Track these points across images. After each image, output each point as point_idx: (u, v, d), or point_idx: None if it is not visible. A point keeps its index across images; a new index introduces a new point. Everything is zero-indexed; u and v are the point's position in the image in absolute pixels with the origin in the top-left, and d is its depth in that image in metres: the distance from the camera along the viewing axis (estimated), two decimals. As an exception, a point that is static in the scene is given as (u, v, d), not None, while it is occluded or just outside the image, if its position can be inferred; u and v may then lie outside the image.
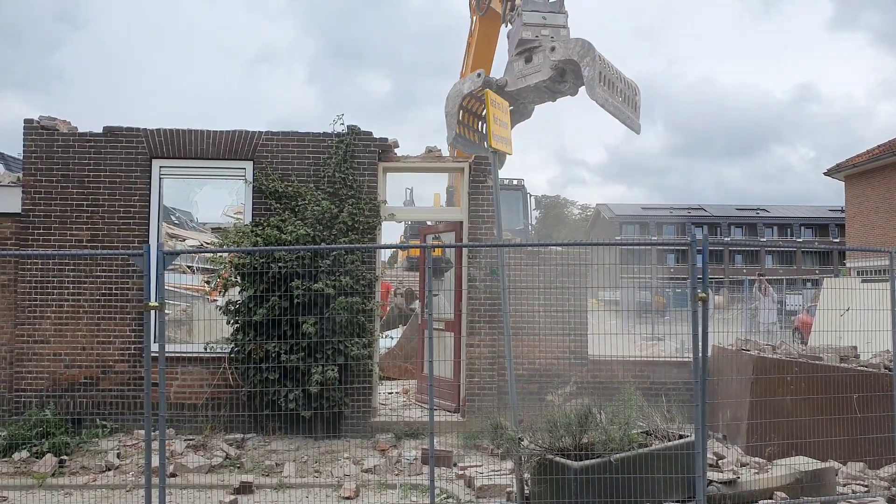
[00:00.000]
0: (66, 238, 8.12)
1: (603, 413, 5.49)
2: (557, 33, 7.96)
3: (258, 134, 8.35)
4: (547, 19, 7.91)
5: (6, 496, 6.07)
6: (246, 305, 7.64)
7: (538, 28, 7.87)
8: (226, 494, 6.04)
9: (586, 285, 8.47)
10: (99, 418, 7.88)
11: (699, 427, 4.96)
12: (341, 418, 7.94)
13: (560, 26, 7.95)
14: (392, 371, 11.38)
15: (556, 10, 8.05)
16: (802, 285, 40.57)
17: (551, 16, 7.95)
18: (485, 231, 8.43)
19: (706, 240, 5.10)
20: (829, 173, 24.35)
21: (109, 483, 6.41)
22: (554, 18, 7.96)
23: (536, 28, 7.87)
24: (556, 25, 7.91)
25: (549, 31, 7.86)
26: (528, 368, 8.30)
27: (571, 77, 8.19)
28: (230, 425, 7.89)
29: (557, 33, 7.96)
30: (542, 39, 7.85)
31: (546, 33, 7.88)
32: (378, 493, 6.21)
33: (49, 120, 8.30)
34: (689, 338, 5.15)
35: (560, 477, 5.07)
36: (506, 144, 5.95)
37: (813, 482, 5.64)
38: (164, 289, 5.11)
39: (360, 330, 7.89)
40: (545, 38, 7.86)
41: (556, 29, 7.92)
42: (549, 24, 7.88)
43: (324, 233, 8.08)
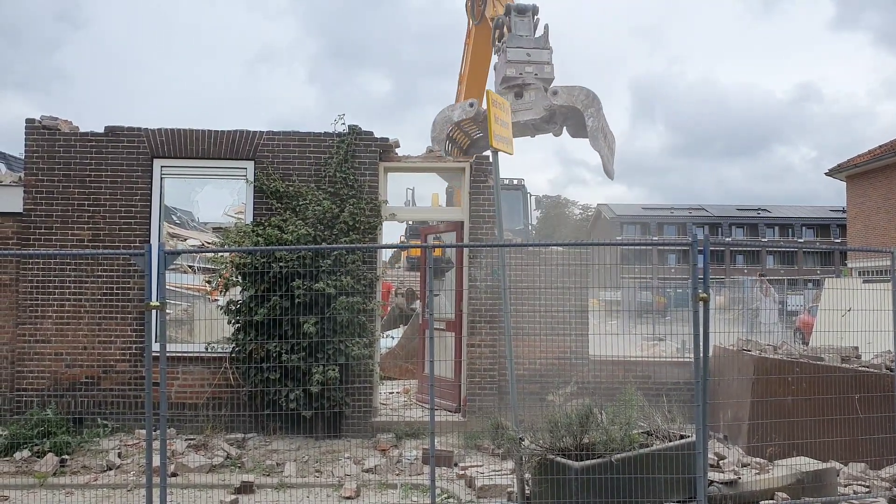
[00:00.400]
0: (67, 238, 8.13)
1: (604, 413, 5.49)
2: (542, 69, 8.09)
3: (259, 134, 8.35)
4: (531, 56, 8.01)
5: (7, 495, 6.08)
6: (247, 305, 7.64)
7: (522, 65, 7.96)
8: (227, 494, 6.04)
9: (587, 285, 8.47)
10: (100, 418, 7.89)
11: (700, 427, 4.96)
12: (342, 418, 7.94)
13: (544, 63, 8.07)
14: (393, 371, 11.38)
15: (541, 47, 8.13)
16: (804, 286, 40.53)
17: (536, 52, 8.06)
18: (486, 231, 8.42)
19: (707, 240, 5.10)
20: (831, 173, 24.34)
21: (110, 482, 6.42)
22: (538, 55, 8.07)
23: (520, 65, 7.97)
24: (540, 62, 8.02)
25: (533, 68, 7.97)
26: (528, 368, 8.29)
27: (560, 119, 8.34)
28: (231, 425, 7.89)
29: (542, 69, 8.09)
30: (525, 76, 7.94)
31: (530, 70, 7.98)
32: (379, 492, 6.21)
33: (51, 120, 8.30)
34: (690, 338, 5.15)
35: (561, 477, 5.07)
36: (507, 144, 5.95)
37: (814, 483, 5.63)
38: (166, 288, 5.11)
39: (361, 330, 7.89)
40: (528, 75, 7.94)
41: (541, 65, 8.02)
42: (533, 60, 7.99)
43: (325, 233, 8.08)
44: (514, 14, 8.30)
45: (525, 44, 8.08)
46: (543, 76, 7.99)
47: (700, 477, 4.95)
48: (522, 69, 7.96)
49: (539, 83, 8.02)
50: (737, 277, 38.23)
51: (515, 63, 7.92)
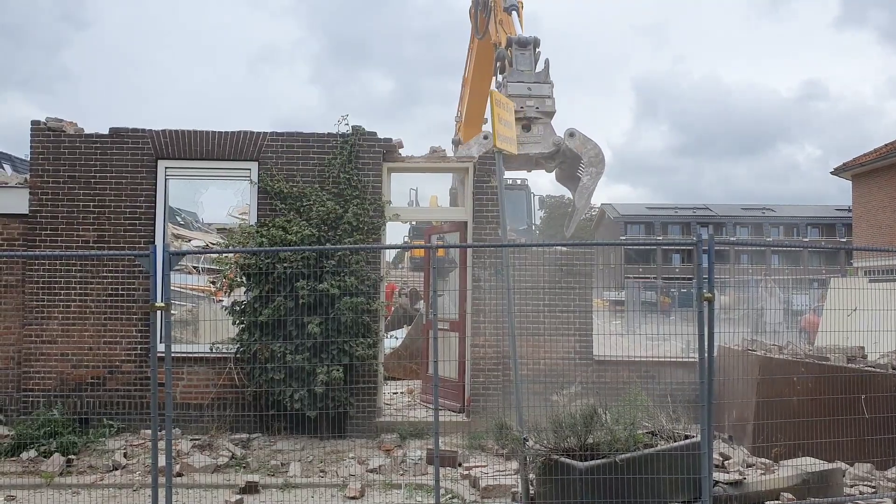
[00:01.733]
0: (72, 239, 8.16)
1: (608, 413, 5.48)
2: (543, 103, 8.21)
3: (263, 135, 8.37)
4: (532, 90, 8.10)
5: (14, 495, 6.11)
6: (251, 306, 7.66)
7: (523, 99, 8.06)
8: (231, 494, 6.06)
9: (591, 285, 8.46)
10: (106, 418, 7.92)
11: (705, 427, 4.95)
12: (346, 418, 7.95)
13: (545, 97, 8.18)
14: (397, 371, 11.39)
15: (542, 80, 8.21)
16: (809, 285, 40.39)
17: (536, 86, 8.16)
18: (489, 231, 8.42)
19: (712, 239, 5.09)
20: (836, 172, 24.23)
21: (116, 482, 6.44)
22: (539, 89, 8.20)
23: (522, 99, 8.08)
24: (541, 96, 8.13)
25: (534, 102, 8.09)
26: (532, 369, 8.28)
27: (560, 159, 8.44)
28: (236, 425, 7.91)
29: (543, 103, 8.21)
30: (527, 110, 8.04)
31: (531, 104, 8.08)
32: (383, 493, 6.22)
33: (56, 121, 8.34)
34: (694, 338, 5.14)
35: (565, 477, 5.06)
36: (510, 144, 5.95)
37: (820, 483, 5.61)
38: (170, 289, 5.13)
39: (365, 330, 7.89)
40: (530, 109, 8.04)
41: (542, 99, 8.14)
42: (534, 94, 8.10)
43: (329, 233, 8.09)
44: (515, 47, 8.42)
45: (526, 78, 8.24)
46: (545, 109, 8.17)
47: (705, 477, 4.93)
48: (524, 103, 8.14)
49: (543, 117, 8.12)
50: (741, 277, 38.13)
51: (517, 97, 8.08)
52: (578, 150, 8.01)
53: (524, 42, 8.40)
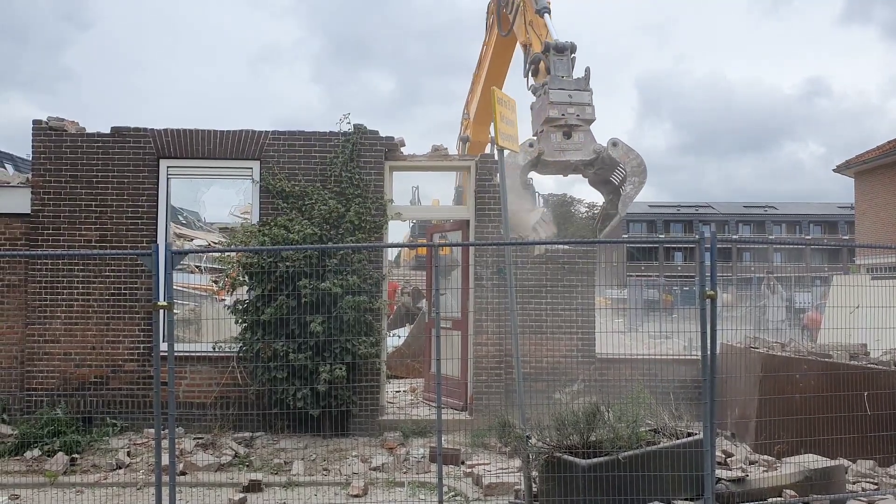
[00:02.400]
0: (75, 238, 8.18)
1: (611, 411, 5.48)
2: (584, 111, 8.23)
3: (265, 133, 8.37)
4: (573, 97, 8.11)
5: (18, 494, 6.13)
6: (254, 305, 7.67)
7: (564, 106, 8.09)
8: (235, 492, 6.07)
9: (593, 283, 8.46)
10: (109, 417, 7.93)
11: (708, 425, 4.95)
12: (349, 417, 7.96)
13: (585, 104, 8.18)
14: (399, 370, 11.40)
15: (582, 88, 8.23)
16: (811, 283, 40.32)
17: (577, 94, 8.17)
18: (492, 230, 8.42)
19: (714, 237, 5.08)
20: (839, 170, 24.16)
21: (120, 481, 6.46)
22: (580, 96, 8.21)
23: (563, 106, 8.10)
24: (581, 103, 8.13)
25: (574, 109, 8.11)
26: (535, 367, 8.29)
27: (599, 165, 8.47)
28: (239, 424, 7.93)
29: (584, 111, 8.23)
30: (568, 117, 8.06)
31: (572, 111, 8.12)
32: (386, 490, 6.22)
33: (57, 121, 8.35)
34: (697, 335, 5.14)
35: (568, 475, 5.06)
36: (512, 142, 5.95)
37: (822, 480, 5.61)
38: (173, 288, 5.14)
39: (368, 329, 7.90)
40: (571, 116, 8.07)
41: (582, 107, 8.14)
42: (575, 101, 8.12)
43: (331, 232, 8.10)
44: (552, 53, 8.41)
45: (566, 85, 8.26)
46: (585, 117, 8.22)
47: (708, 475, 4.93)
48: (565, 110, 8.16)
49: (584, 125, 8.24)
50: (744, 275, 38.08)
51: (558, 104, 8.13)
52: (621, 160, 8.07)
53: (562, 48, 8.42)
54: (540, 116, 8.38)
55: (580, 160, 8.25)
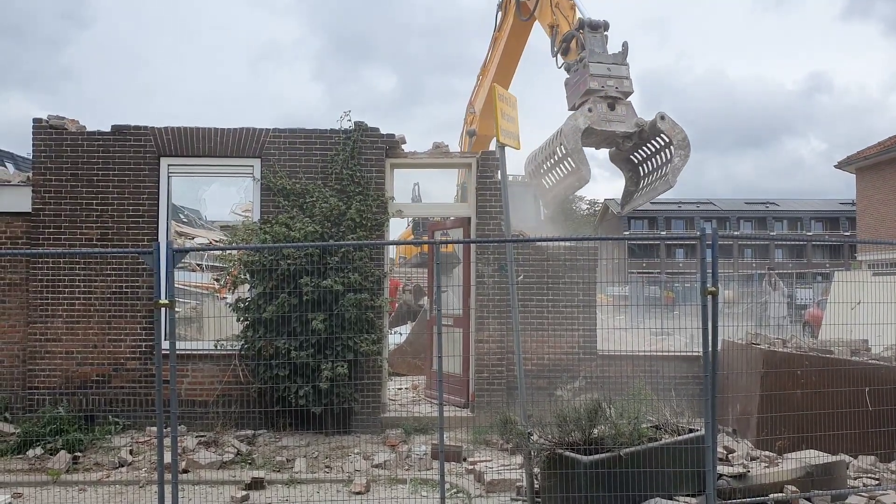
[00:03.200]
0: (76, 237, 8.19)
1: (612, 407, 5.48)
2: (622, 84, 8.39)
3: (266, 131, 8.37)
4: (612, 71, 8.19)
5: (21, 492, 6.14)
6: (255, 303, 7.68)
7: (604, 79, 8.17)
8: (237, 490, 6.09)
9: (595, 280, 8.46)
10: (111, 415, 7.95)
11: (709, 421, 4.95)
12: (351, 414, 7.97)
13: (624, 77, 8.31)
14: (401, 367, 11.41)
15: (620, 62, 8.30)
16: (812, 279, 40.29)
17: (615, 67, 8.24)
18: (493, 227, 8.42)
19: (716, 233, 5.08)
20: (840, 166, 24.15)
21: (123, 479, 6.47)
22: (618, 70, 8.27)
23: (602, 79, 8.20)
24: (620, 76, 8.23)
25: (613, 82, 8.19)
26: (537, 364, 8.30)
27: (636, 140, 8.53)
28: (241, 422, 7.94)
29: (622, 84, 8.39)
30: (608, 89, 8.13)
31: (612, 83, 8.17)
32: (388, 488, 6.24)
33: (58, 119, 8.35)
34: (698, 332, 5.14)
35: (570, 471, 5.07)
36: (513, 139, 5.95)
37: (823, 476, 5.61)
38: (174, 286, 5.14)
39: (369, 326, 7.91)
40: (610, 89, 8.21)
41: (621, 80, 8.25)
42: (613, 74, 8.19)
43: (332, 230, 8.10)
44: (587, 30, 8.48)
45: (605, 59, 8.35)
46: (624, 90, 8.33)
47: (709, 471, 4.94)
48: (604, 83, 8.22)
49: (623, 97, 8.35)
50: (745, 271, 38.05)
51: (598, 77, 8.21)
52: (669, 133, 8.16)
53: (596, 25, 8.49)
54: (578, 89, 8.47)
55: (624, 131, 8.34)
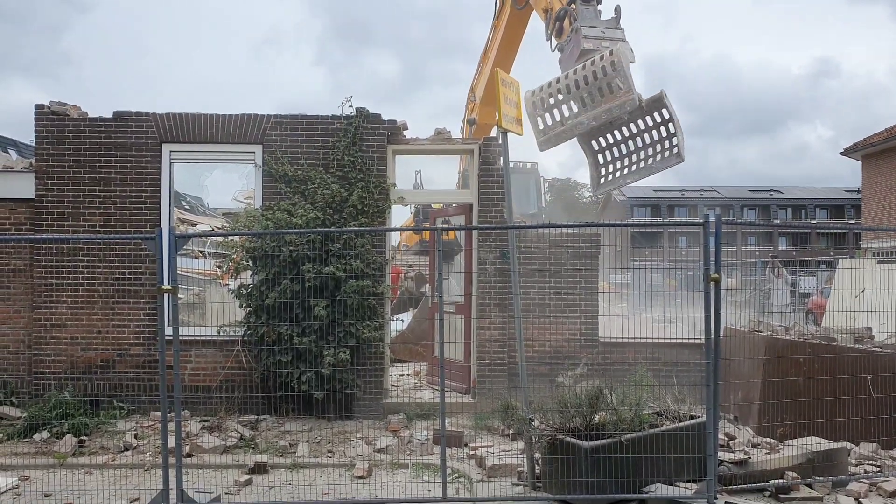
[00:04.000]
0: (79, 223, 8.20)
1: (614, 394, 5.50)
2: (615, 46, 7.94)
3: (267, 117, 8.34)
4: (606, 34, 7.90)
5: (28, 475, 6.20)
6: (258, 289, 7.69)
7: (598, 41, 7.86)
8: (241, 474, 6.14)
9: (597, 267, 8.45)
10: (116, 400, 8.01)
11: (710, 408, 4.96)
12: (353, 399, 8.01)
13: (619, 39, 7.97)
14: (403, 354, 11.44)
15: (614, 27, 8.01)
16: (816, 267, 40.20)
17: (609, 31, 7.96)
18: (495, 214, 8.40)
19: (719, 220, 5.06)
20: (846, 153, 24.01)
21: (128, 463, 6.53)
22: (612, 33, 7.99)
23: (596, 41, 7.87)
24: (615, 39, 7.91)
25: (608, 44, 7.82)
26: (538, 350, 8.31)
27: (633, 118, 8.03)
28: (244, 407, 7.99)
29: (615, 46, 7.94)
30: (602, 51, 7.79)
31: (606, 45, 7.84)
32: (390, 472, 6.28)
33: (60, 105, 8.34)
34: (700, 319, 5.13)
35: (571, 457, 5.10)
36: (515, 124, 5.91)
37: (825, 462, 5.63)
38: (177, 273, 5.15)
39: (371, 313, 7.92)
40: (605, 50, 7.78)
41: (615, 42, 7.89)
42: (608, 37, 7.88)
43: (334, 216, 8.09)
44: (579, 3, 8.13)
45: (598, 24, 7.99)
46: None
47: (710, 457, 4.96)
48: (598, 44, 7.79)
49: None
50: (748, 259, 37.97)
51: (592, 38, 7.82)
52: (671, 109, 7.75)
53: None
54: (571, 58, 8.02)
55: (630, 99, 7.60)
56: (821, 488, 5.49)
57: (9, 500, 5.61)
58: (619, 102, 7.58)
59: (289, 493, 5.68)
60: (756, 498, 5.30)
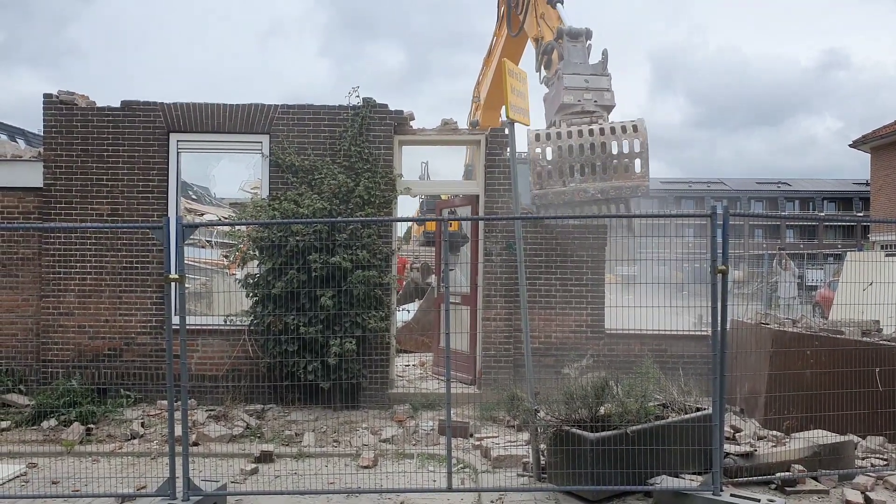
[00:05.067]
0: (87, 212, 8.23)
1: (619, 386, 5.49)
2: (601, 96, 7.40)
3: (274, 107, 8.33)
4: (590, 82, 7.37)
5: (36, 462, 6.26)
6: (264, 279, 7.71)
7: (580, 92, 7.35)
8: (247, 463, 6.17)
9: (604, 258, 8.42)
10: (123, 388, 8.06)
11: (717, 400, 4.95)
12: (359, 389, 8.03)
13: (604, 89, 7.38)
14: (409, 344, 11.47)
15: (599, 73, 7.49)
16: (824, 260, 39.96)
17: (594, 78, 7.39)
18: (501, 205, 8.38)
19: (727, 211, 5.03)
20: (855, 145, 23.82)
21: (135, 451, 6.57)
22: (597, 81, 7.41)
23: (579, 92, 7.36)
24: (599, 89, 7.34)
25: (592, 95, 7.32)
26: (544, 342, 8.31)
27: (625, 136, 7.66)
28: (250, 396, 8.03)
29: (601, 96, 7.40)
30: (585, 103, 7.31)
31: (589, 97, 7.35)
32: (396, 462, 6.30)
33: (68, 95, 8.34)
34: (707, 311, 5.11)
35: (576, 448, 5.10)
36: (523, 115, 5.88)
37: (831, 455, 5.61)
38: (184, 262, 5.16)
39: (377, 303, 7.93)
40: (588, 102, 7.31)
41: (600, 92, 7.37)
42: (591, 87, 7.33)
43: (340, 206, 8.09)
44: (566, 39, 7.71)
45: (582, 70, 7.51)
46: (603, 103, 7.49)
47: (716, 449, 4.95)
48: (581, 96, 7.39)
49: (602, 111, 7.48)
50: (756, 252, 37.79)
51: (574, 90, 7.38)
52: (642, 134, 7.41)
53: (576, 34, 7.73)
54: (554, 105, 7.69)
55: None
56: (827, 481, 5.48)
57: (17, 487, 5.66)
58: (631, 185, 7.26)
59: (294, 482, 5.70)
60: (762, 491, 5.29)
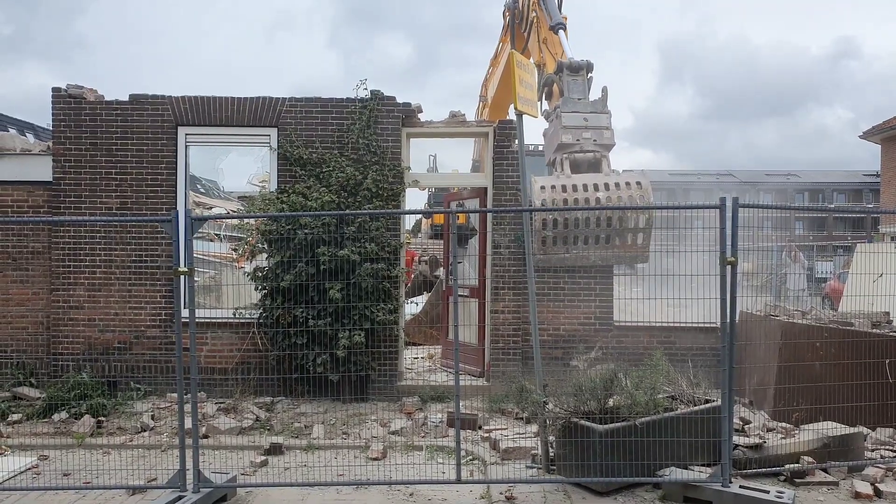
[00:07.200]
0: (96, 206, 8.27)
1: (628, 378, 5.48)
2: (601, 135, 7.20)
3: (282, 100, 8.33)
4: (589, 121, 7.18)
5: (47, 454, 6.32)
6: (273, 272, 7.73)
7: (579, 131, 7.16)
8: (257, 455, 6.21)
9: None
10: (133, 381, 8.12)
11: (726, 391, 4.94)
12: (368, 382, 8.06)
13: (603, 128, 7.19)
14: (417, 337, 11.49)
15: (599, 110, 7.29)
16: (833, 251, 39.71)
17: (593, 116, 7.22)
18: (510, 197, 8.36)
19: (736, 203, 5.00)
20: (866, 136, 23.63)
21: (145, 443, 6.62)
22: (596, 119, 7.22)
23: (577, 131, 7.17)
24: (598, 127, 7.15)
25: (591, 134, 7.08)
26: (552, 334, 8.30)
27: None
28: (259, 389, 8.07)
29: (601, 135, 7.20)
30: (583, 143, 7.11)
31: (588, 136, 7.15)
32: (405, 454, 6.32)
33: (76, 88, 8.37)
34: (716, 303, 5.09)
35: (585, 440, 5.10)
36: (531, 107, 5.85)
37: (840, 447, 5.59)
38: (193, 255, 5.18)
39: (386, 296, 7.94)
40: (587, 142, 7.11)
41: (599, 131, 7.16)
42: (591, 125, 7.16)
43: (348, 199, 8.10)
44: (566, 73, 7.51)
45: (581, 108, 7.28)
46: (603, 142, 7.27)
47: (725, 441, 4.94)
48: (580, 135, 7.17)
49: (601, 150, 7.26)
50: (765, 244, 37.55)
51: (572, 129, 7.17)
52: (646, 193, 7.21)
53: (576, 67, 7.52)
54: (553, 143, 7.48)
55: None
56: (836, 473, 5.46)
57: (28, 480, 5.72)
58: (632, 255, 7.19)
59: (304, 474, 5.74)
60: (771, 482, 5.28)
